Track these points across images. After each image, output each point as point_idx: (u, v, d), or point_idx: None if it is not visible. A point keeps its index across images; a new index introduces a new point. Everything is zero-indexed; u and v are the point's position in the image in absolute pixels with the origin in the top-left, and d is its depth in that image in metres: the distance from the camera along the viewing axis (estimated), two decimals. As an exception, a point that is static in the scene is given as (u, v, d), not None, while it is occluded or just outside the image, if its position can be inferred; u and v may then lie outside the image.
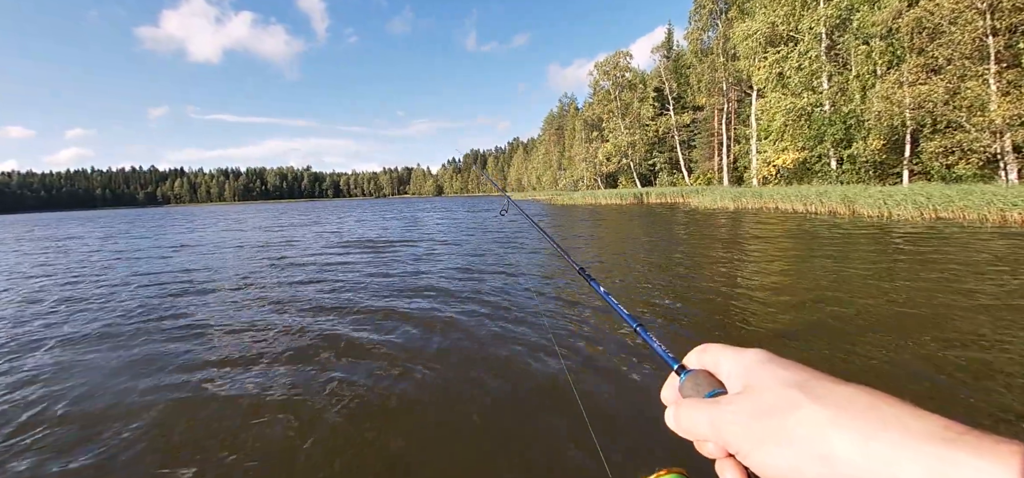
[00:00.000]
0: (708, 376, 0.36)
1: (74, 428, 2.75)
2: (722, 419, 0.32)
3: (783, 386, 0.30)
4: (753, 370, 0.33)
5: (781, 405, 0.29)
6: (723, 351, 0.36)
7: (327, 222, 23.54)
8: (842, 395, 0.28)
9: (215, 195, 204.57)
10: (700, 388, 0.36)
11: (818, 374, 0.30)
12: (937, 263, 6.37)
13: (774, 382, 0.31)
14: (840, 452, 0.26)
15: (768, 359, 0.33)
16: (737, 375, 0.34)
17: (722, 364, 0.36)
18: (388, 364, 3.54)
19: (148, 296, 6.37)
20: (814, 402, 0.28)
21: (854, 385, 0.29)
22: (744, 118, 33.85)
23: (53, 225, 33.01)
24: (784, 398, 0.29)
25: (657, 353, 0.44)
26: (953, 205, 12.46)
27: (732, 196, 23.21)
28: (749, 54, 27.08)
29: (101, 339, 4.48)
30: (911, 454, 0.24)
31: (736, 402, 0.32)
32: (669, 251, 8.87)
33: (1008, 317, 3.95)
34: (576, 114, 58.02)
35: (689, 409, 0.35)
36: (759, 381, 0.32)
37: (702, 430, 0.33)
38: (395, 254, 9.79)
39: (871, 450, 0.25)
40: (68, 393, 3.25)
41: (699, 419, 0.34)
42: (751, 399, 0.31)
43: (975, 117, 16.09)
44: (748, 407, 0.31)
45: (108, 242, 15.93)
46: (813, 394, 0.29)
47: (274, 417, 2.78)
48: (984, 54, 16.08)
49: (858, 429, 0.26)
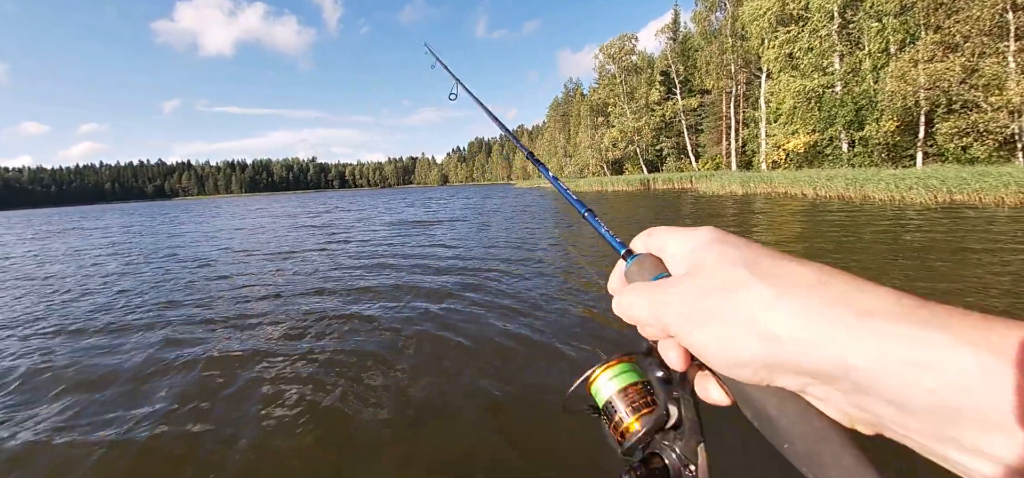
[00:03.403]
0: (654, 259, 0.34)
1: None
2: (662, 300, 0.30)
3: (729, 264, 0.28)
4: (698, 251, 0.30)
5: (725, 284, 0.27)
6: (670, 233, 0.34)
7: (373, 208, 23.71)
8: (790, 271, 0.26)
9: (223, 187, 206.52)
10: (644, 272, 0.34)
11: (769, 251, 0.28)
12: (958, 246, 6.23)
13: (719, 261, 0.28)
14: (782, 331, 0.24)
15: (717, 238, 0.30)
16: (683, 256, 0.32)
17: (668, 247, 0.33)
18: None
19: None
20: (759, 280, 0.26)
21: (804, 261, 0.27)
22: (753, 101, 33.24)
23: (95, 217, 33.51)
24: (728, 276, 0.27)
25: (604, 238, 0.43)
26: (968, 187, 12.16)
27: (740, 181, 22.89)
28: (759, 34, 26.48)
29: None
30: (858, 331, 0.22)
31: (680, 283, 0.30)
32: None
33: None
34: (582, 100, 57.37)
35: (630, 293, 0.33)
36: (705, 261, 0.29)
37: (642, 313, 0.32)
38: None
39: (815, 328, 0.23)
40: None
41: (640, 303, 0.32)
42: (694, 279, 0.29)
43: (992, 96, 15.63)
44: (690, 287, 0.29)
45: (187, 226, 16.17)
46: (757, 271, 0.27)
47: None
48: (1004, 31, 15.57)
49: (802, 306, 0.24)
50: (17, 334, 4.49)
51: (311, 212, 24.68)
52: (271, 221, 19.35)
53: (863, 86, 21.59)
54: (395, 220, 15.93)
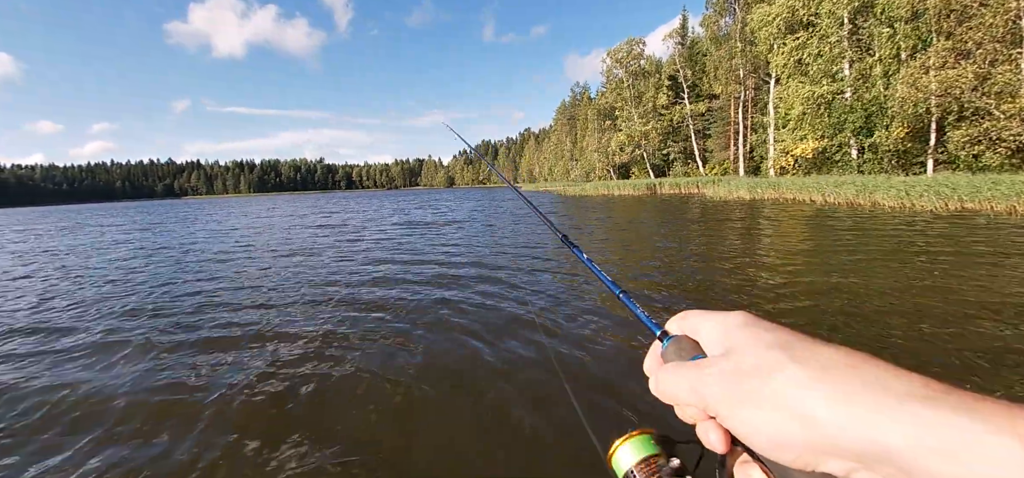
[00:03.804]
0: (690, 341, 0.36)
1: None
2: (702, 381, 0.31)
3: (764, 347, 0.30)
4: (734, 333, 0.32)
5: (762, 366, 0.29)
6: (704, 316, 0.36)
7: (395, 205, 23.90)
8: (824, 356, 0.27)
9: (231, 187, 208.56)
10: (682, 353, 0.35)
11: (800, 335, 0.30)
12: (973, 254, 6.23)
13: (755, 343, 0.30)
14: (820, 413, 0.25)
15: (750, 321, 0.32)
16: (718, 339, 0.33)
17: (702, 329, 0.35)
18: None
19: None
20: (795, 363, 0.28)
21: (836, 346, 0.28)
22: (761, 106, 33.07)
23: (116, 214, 34.08)
24: (765, 359, 0.29)
25: (640, 319, 0.43)
26: (980, 195, 12.06)
27: (748, 186, 22.80)
28: (768, 40, 26.40)
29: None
30: (892, 414, 0.23)
31: (717, 364, 0.31)
32: (683, 240, 8.82)
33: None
34: (589, 103, 57.36)
35: (670, 373, 0.34)
36: (741, 343, 0.31)
37: (682, 393, 0.33)
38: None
39: (852, 411, 0.25)
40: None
41: (680, 382, 0.33)
42: (732, 360, 0.31)
43: (1005, 104, 15.49)
44: (729, 368, 0.30)
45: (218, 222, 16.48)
46: (794, 355, 0.28)
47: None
48: (1017, 37, 15.44)
49: (839, 390, 0.25)
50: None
51: (324, 211, 24.92)
52: (298, 222, 19.57)
53: (873, 92, 21.44)
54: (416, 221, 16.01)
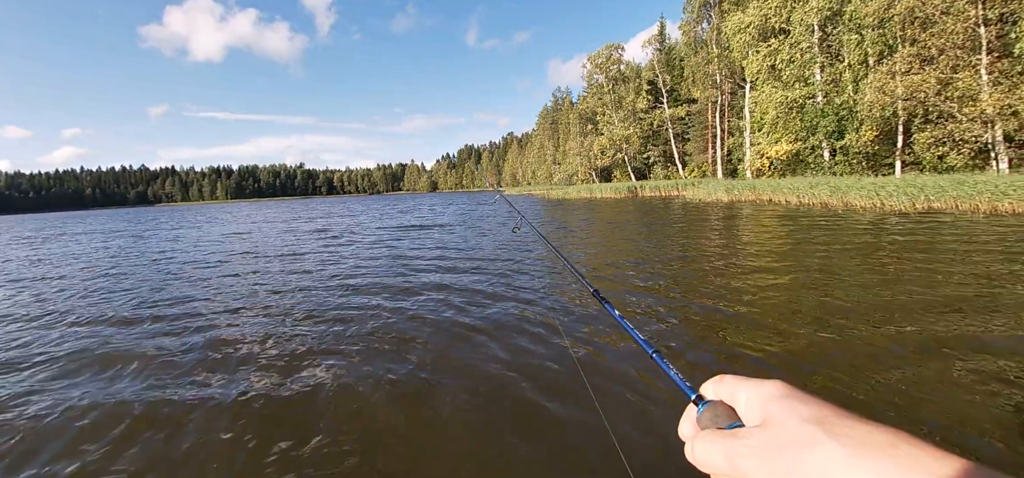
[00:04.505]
0: (727, 408, 0.36)
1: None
2: (739, 452, 0.31)
3: (802, 421, 0.29)
4: (772, 403, 0.32)
5: (799, 440, 0.29)
6: (741, 383, 0.36)
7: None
8: (861, 433, 0.27)
9: (207, 193, 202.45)
10: (718, 420, 0.35)
11: (838, 410, 0.30)
12: (939, 251, 6.35)
13: (793, 417, 0.30)
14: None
15: (787, 393, 0.32)
16: (755, 408, 0.33)
17: (739, 396, 0.35)
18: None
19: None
20: (832, 439, 0.27)
21: (874, 423, 0.28)
22: (738, 110, 33.82)
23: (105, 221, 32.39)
24: (802, 433, 0.29)
25: (674, 382, 0.44)
26: (946, 195, 12.49)
27: (726, 188, 23.20)
28: (742, 46, 27.02)
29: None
30: None
31: (754, 435, 0.31)
32: (663, 239, 8.82)
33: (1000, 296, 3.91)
34: (571, 108, 57.77)
35: (707, 442, 0.34)
36: (777, 415, 0.31)
37: (719, 463, 0.33)
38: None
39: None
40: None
41: (716, 452, 0.33)
42: (769, 433, 0.31)
43: (966, 107, 16.14)
44: (766, 441, 0.30)
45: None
46: (832, 431, 0.28)
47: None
48: (976, 44, 16.12)
49: (876, 469, 0.25)
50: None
51: (305, 217, 24.26)
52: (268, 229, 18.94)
53: (843, 97, 22.12)
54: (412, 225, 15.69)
